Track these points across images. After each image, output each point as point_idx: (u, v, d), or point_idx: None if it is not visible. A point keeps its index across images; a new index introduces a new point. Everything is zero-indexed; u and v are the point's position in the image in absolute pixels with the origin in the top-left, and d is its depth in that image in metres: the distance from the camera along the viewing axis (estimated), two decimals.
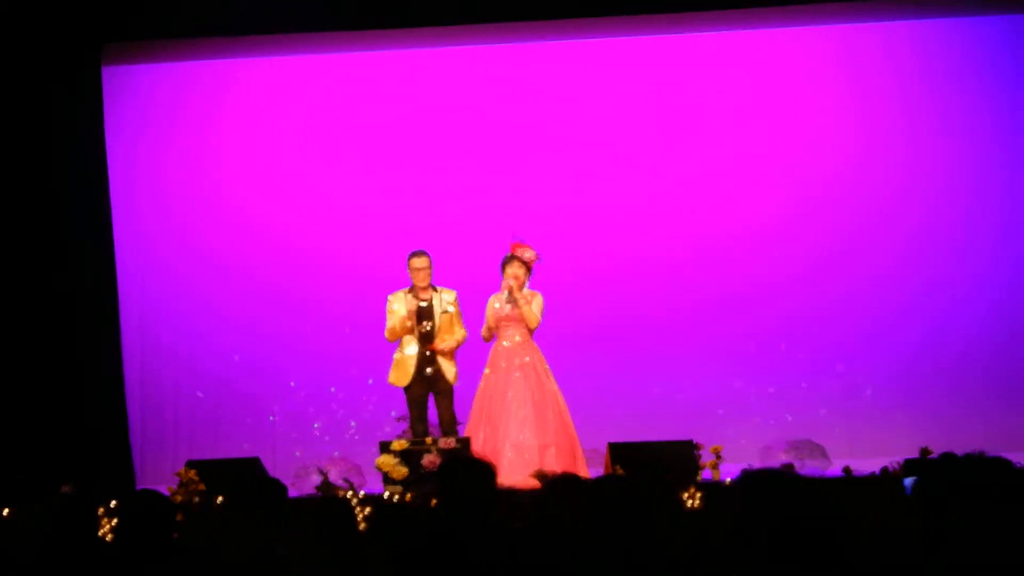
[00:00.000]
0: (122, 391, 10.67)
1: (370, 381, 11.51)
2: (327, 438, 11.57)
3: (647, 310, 11.67)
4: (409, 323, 9.50)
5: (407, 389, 9.74)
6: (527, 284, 9.53)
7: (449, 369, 9.68)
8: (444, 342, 9.57)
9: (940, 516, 4.55)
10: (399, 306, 9.65)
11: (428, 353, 9.64)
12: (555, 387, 9.40)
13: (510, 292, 9.32)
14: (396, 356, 9.70)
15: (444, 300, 9.65)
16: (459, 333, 9.64)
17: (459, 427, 9.71)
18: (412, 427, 9.78)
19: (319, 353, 11.79)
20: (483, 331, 9.48)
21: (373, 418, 11.51)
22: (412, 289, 9.63)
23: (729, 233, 11.64)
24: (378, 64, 11.67)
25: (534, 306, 9.42)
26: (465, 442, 8.98)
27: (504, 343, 9.43)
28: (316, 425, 11.63)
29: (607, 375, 11.49)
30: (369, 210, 11.86)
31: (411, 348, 9.62)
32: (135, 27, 10.29)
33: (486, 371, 9.41)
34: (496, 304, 9.50)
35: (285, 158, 11.81)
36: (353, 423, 11.72)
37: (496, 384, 9.40)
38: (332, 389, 11.85)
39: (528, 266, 9.41)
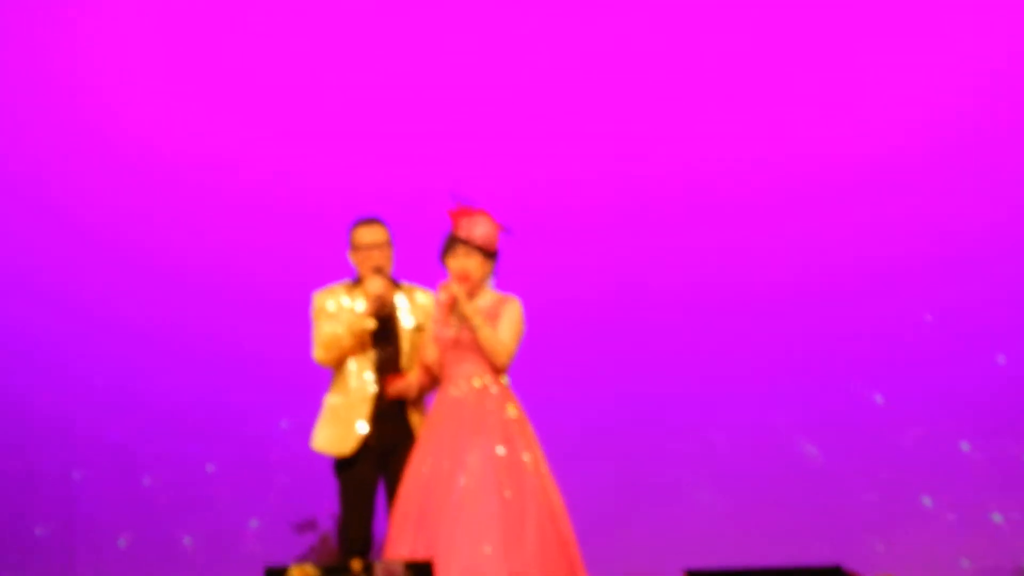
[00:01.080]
0: None
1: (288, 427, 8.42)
2: (141, 555, 8.76)
3: (716, 318, 8.82)
4: (371, 323, 6.61)
5: (345, 466, 6.72)
6: (490, 282, 6.60)
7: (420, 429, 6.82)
8: (408, 380, 6.70)
9: None
10: (338, 305, 6.77)
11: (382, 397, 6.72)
12: (545, 469, 6.57)
13: (454, 303, 6.46)
14: (332, 399, 6.73)
15: (419, 305, 6.80)
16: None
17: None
18: (343, 536, 6.84)
19: (147, 396, 8.89)
20: (418, 369, 6.73)
21: (264, 520, 8.62)
22: (359, 283, 6.74)
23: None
24: None
25: (503, 325, 6.51)
26: (423, 571, 6.25)
27: (452, 391, 6.53)
28: None
29: (659, 446, 8.55)
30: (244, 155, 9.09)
31: (365, 377, 6.67)
32: None
33: (416, 457, 6.65)
34: (439, 322, 6.63)
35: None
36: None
37: (438, 463, 6.45)
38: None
39: (486, 250, 6.53)
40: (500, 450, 6.42)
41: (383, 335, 6.68)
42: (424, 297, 6.76)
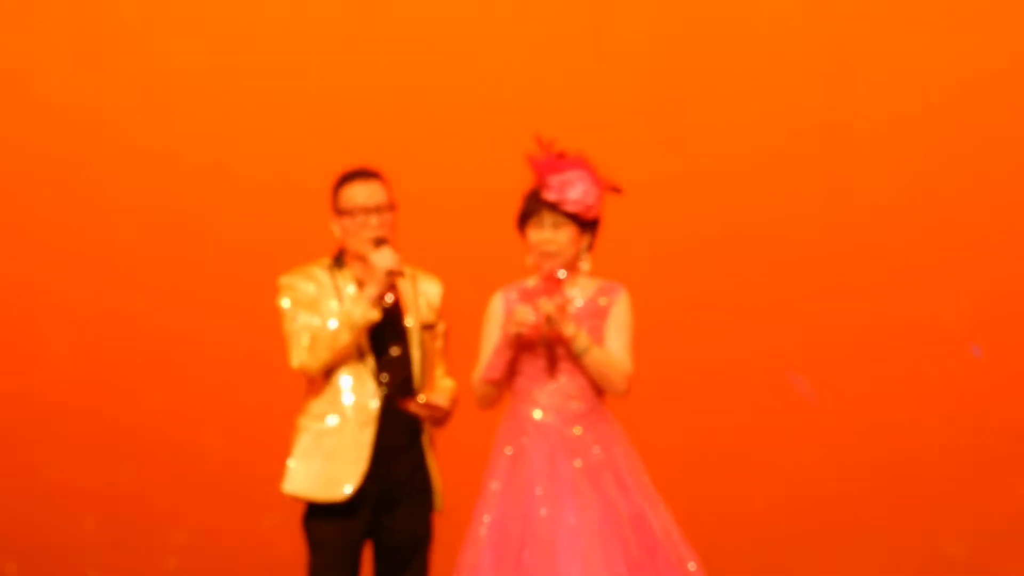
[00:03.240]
0: None
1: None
2: None
3: None
4: (374, 314, 4.80)
5: (330, 516, 4.82)
6: (584, 263, 4.82)
7: (435, 468, 4.97)
8: (439, 393, 4.96)
9: None
10: (318, 291, 4.93)
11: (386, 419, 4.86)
12: (679, 534, 4.72)
13: (556, 310, 4.65)
14: (315, 424, 4.90)
15: (426, 297, 5.08)
16: (448, 381, 5.08)
17: None
18: None
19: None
20: (476, 380, 4.84)
21: None
22: (343, 264, 4.98)
23: None
24: None
25: (614, 335, 4.79)
26: None
27: (536, 412, 4.78)
28: None
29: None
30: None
31: (362, 394, 4.85)
32: None
33: (492, 484, 4.77)
34: (524, 318, 4.76)
35: None
36: None
37: (522, 505, 4.66)
38: None
39: (583, 219, 4.79)
40: (621, 505, 4.75)
41: (388, 333, 4.93)
42: (431, 286, 5.04)
